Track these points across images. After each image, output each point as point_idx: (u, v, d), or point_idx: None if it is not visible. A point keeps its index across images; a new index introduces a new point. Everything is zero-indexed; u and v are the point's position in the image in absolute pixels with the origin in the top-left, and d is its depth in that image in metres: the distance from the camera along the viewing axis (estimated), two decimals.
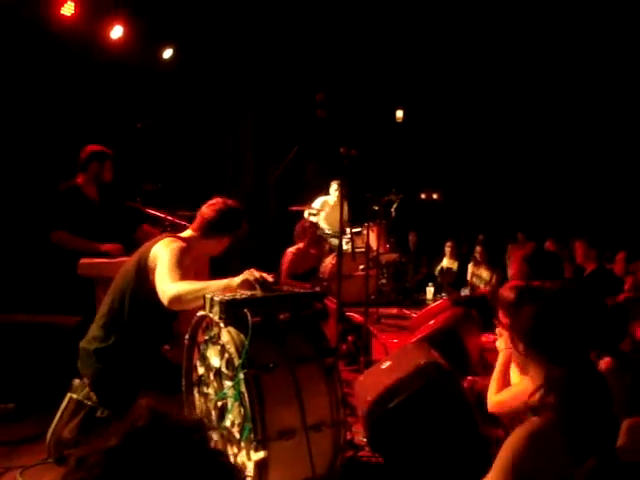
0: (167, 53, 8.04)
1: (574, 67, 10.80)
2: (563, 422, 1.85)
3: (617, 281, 6.41)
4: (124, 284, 3.22)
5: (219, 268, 4.03)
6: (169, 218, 5.04)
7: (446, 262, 10.10)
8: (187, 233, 3.42)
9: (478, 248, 9.32)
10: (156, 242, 3.22)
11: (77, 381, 3.24)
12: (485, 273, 9.09)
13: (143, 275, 3.13)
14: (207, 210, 3.42)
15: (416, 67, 11.06)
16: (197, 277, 3.21)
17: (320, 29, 9.41)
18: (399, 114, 12.03)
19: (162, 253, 3.09)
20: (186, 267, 3.07)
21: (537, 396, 1.97)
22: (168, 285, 2.88)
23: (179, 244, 3.18)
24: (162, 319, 3.21)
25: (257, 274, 2.77)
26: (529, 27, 10.06)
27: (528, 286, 4.19)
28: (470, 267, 9.42)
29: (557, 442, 1.82)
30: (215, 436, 2.65)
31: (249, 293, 2.73)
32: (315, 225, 7.97)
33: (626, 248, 7.36)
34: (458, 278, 9.61)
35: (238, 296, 2.68)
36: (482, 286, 8.82)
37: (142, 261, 3.16)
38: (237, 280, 2.77)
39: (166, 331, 3.34)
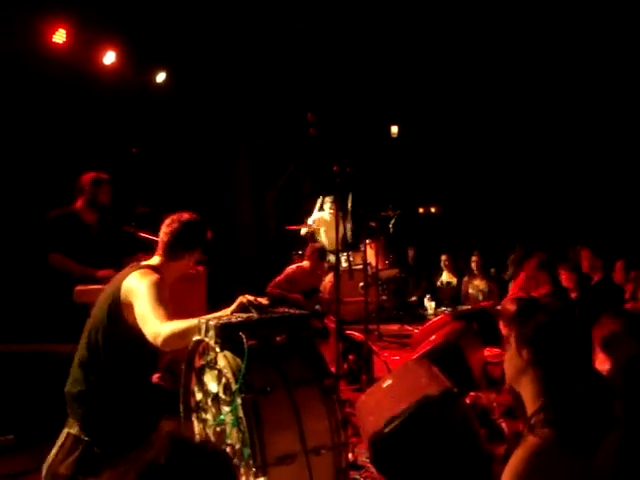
0: (160, 77, 8.10)
1: (566, 79, 10.85)
2: (565, 437, 1.81)
3: (619, 290, 6.38)
4: (97, 321, 3.03)
5: (219, 296, 3.94)
6: None
7: (445, 276, 10.03)
8: (155, 260, 3.16)
9: (474, 258, 9.12)
10: (126, 275, 3.00)
11: None
12: (482, 284, 8.94)
13: (117, 311, 2.95)
14: (167, 231, 3.15)
15: (409, 82, 11.11)
16: (194, 305, 3.10)
17: (314, 46, 9.46)
18: (394, 130, 12.06)
19: (138, 289, 2.88)
20: (167, 300, 2.88)
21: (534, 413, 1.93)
22: (158, 327, 2.70)
23: (153, 277, 2.95)
24: (141, 353, 3.00)
25: (251, 297, 2.74)
26: (523, 42, 10.12)
27: (532, 298, 4.19)
28: (466, 279, 9.25)
29: (559, 460, 1.78)
30: None
31: (245, 316, 2.70)
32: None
33: (625, 255, 7.32)
34: (458, 292, 9.53)
35: (233, 319, 2.64)
36: (480, 298, 8.71)
37: (115, 296, 2.97)
38: (231, 308, 2.73)
39: (150, 362, 3.17)
